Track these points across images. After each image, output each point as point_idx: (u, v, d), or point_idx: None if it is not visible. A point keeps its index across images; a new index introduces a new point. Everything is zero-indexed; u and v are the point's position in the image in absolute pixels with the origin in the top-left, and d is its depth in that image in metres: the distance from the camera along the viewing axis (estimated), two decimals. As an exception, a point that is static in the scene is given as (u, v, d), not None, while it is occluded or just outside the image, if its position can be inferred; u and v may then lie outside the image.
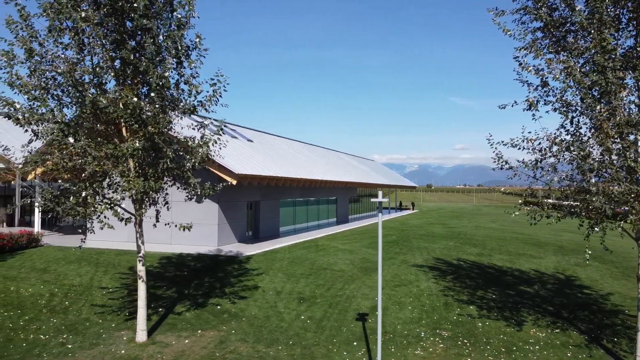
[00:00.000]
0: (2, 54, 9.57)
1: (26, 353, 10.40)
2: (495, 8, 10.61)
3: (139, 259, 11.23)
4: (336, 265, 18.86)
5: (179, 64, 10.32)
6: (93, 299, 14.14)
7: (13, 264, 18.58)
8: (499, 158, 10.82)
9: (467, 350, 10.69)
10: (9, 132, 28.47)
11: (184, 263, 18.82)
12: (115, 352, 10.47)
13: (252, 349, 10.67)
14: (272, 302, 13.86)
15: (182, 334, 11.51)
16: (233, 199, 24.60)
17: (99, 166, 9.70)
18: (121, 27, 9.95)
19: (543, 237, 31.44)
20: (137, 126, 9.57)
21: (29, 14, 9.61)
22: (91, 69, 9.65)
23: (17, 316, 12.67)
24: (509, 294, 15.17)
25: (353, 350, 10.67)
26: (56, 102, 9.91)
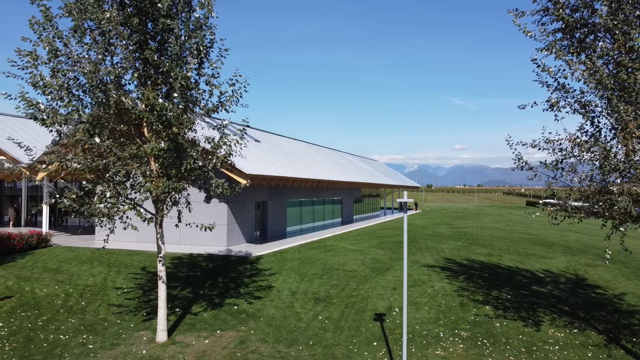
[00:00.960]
0: (26, 54, 9.59)
1: (48, 353, 10.41)
2: (515, 9, 10.63)
3: (159, 259, 11.24)
4: (347, 266, 18.88)
5: (201, 64, 10.33)
6: (109, 299, 14.15)
7: (25, 264, 18.60)
8: (519, 159, 10.84)
9: (487, 350, 10.71)
10: (17, 132, 28.50)
11: (196, 263, 18.84)
12: (136, 352, 10.48)
13: (273, 349, 10.69)
14: (288, 302, 13.88)
15: (201, 334, 11.52)
16: (241, 199, 24.63)
17: (123, 166, 9.70)
18: (144, 28, 9.96)
19: (550, 237, 31.47)
20: (161, 127, 9.58)
21: (51, 14, 9.61)
22: (114, 69, 9.66)
23: (34, 316, 12.68)
24: (523, 294, 15.19)
25: (373, 350, 10.69)
26: (78, 102, 9.91)
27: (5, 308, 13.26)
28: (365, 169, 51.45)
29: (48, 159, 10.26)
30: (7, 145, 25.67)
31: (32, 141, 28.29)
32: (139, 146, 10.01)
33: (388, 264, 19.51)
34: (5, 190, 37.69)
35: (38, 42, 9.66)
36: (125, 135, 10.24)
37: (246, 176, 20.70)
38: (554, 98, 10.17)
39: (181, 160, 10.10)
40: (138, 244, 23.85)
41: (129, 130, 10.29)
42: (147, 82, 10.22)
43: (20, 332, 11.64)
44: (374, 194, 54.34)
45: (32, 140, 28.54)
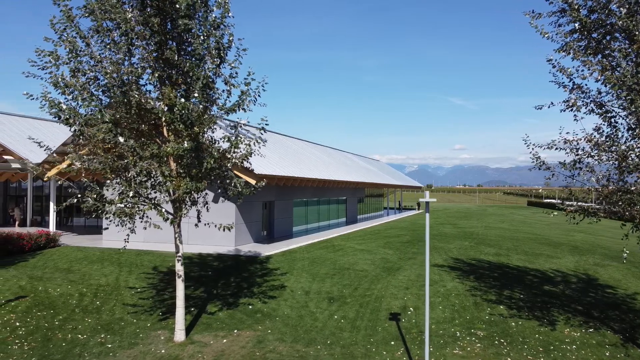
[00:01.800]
0: (48, 54, 9.61)
1: (67, 353, 10.44)
2: (532, 11, 10.67)
3: (177, 258, 11.27)
4: (358, 266, 18.91)
5: (219, 64, 10.35)
6: (123, 298, 14.18)
7: (36, 263, 18.62)
8: (537, 159, 10.88)
9: (505, 350, 10.74)
10: (24, 133, 28.54)
11: (207, 263, 18.86)
12: (155, 351, 10.51)
13: (291, 348, 10.72)
14: (302, 302, 13.91)
15: (218, 334, 11.55)
16: (249, 199, 24.64)
17: (145, 166, 9.72)
18: (164, 28, 9.99)
19: (555, 237, 31.52)
20: (183, 127, 9.61)
21: (72, 14, 9.64)
22: (135, 69, 9.68)
23: (50, 316, 12.71)
24: (535, 293, 15.23)
25: (392, 349, 10.72)
26: (98, 102, 9.94)
27: (21, 307, 13.29)
28: (369, 169, 51.49)
29: (69, 158, 10.24)
30: (15, 145, 25.70)
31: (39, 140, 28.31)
32: (159, 146, 10.04)
33: (398, 263, 19.54)
34: (10, 190, 37.70)
35: (59, 42, 9.68)
36: (146, 135, 10.26)
37: (255, 176, 20.72)
38: (573, 98, 10.20)
39: (201, 159, 10.13)
40: (146, 243, 23.87)
41: (149, 130, 10.31)
42: (166, 82, 10.25)
43: (38, 331, 11.67)
44: (377, 194, 54.38)
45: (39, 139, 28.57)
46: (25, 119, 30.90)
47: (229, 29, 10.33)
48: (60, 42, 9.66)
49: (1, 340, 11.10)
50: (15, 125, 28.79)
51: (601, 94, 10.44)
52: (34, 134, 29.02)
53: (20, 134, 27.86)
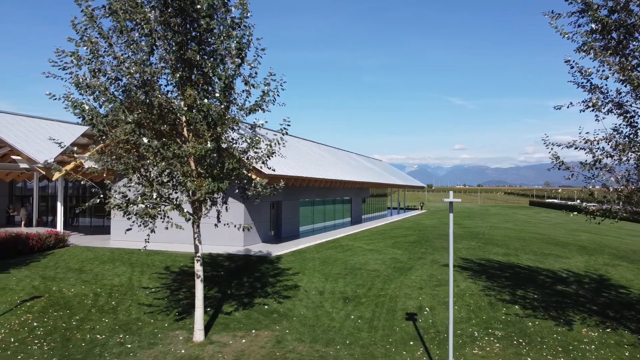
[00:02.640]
0: (70, 54, 9.61)
1: (87, 353, 10.44)
2: (551, 11, 10.69)
3: (196, 258, 11.27)
4: (369, 265, 18.92)
5: (239, 64, 10.34)
6: (138, 298, 14.18)
7: (47, 264, 18.62)
8: (557, 158, 10.89)
9: (524, 350, 10.75)
10: (31, 132, 28.55)
11: (218, 263, 18.86)
12: (175, 351, 10.52)
13: (311, 348, 10.72)
14: (317, 302, 13.92)
15: (237, 334, 11.56)
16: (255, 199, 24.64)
17: (167, 167, 9.72)
18: (185, 28, 9.99)
19: (562, 237, 31.53)
20: (205, 127, 9.62)
21: (95, 15, 9.65)
22: (159, 69, 9.68)
23: (67, 316, 12.71)
24: (548, 293, 15.23)
25: (411, 349, 10.73)
26: (120, 103, 9.93)
27: (37, 308, 13.29)
28: (373, 169, 51.50)
29: (90, 158, 10.24)
30: (23, 145, 25.69)
31: (46, 140, 28.31)
32: (179, 146, 10.03)
33: (408, 263, 19.54)
34: (15, 190, 37.70)
35: (80, 42, 9.68)
36: (166, 136, 10.26)
37: (266, 175, 20.73)
38: (593, 99, 10.21)
39: (222, 160, 10.13)
40: (155, 244, 23.75)
41: (170, 131, 10.31)
42: (186, 83, 10.24)
43: (56, 331, 11.67)
44: (380, 194, 54.38)
45: (46, 140, 28.55)
46: (32, 119, 30.89)
47: (249, 29, 10.33)
48: (82, 42, 9.65)
49: (20, 341, 11.10)
50: (22, 125, 28.79)
51: (620, 94, 10.46)
52: (41, 134, 29.02)
53: (27, 134, 27.86)
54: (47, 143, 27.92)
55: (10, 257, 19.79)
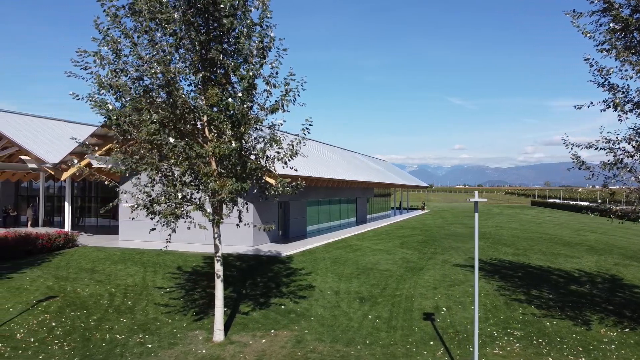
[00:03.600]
0: (93, 54, 9.60)
1: (108, 353, 10.44)
2: (572, 10, 10.69)
3: (216, 259, 11.26)
4: (380, 265, 18.91)
5: (261, 64, 10.32)
6: (154, 298, 14.17)
7: (59, 264, 18.61)
8: (577, 158, 10.89)
9: (545, 349, 10.74)
10: (39, 132, 28.53)
11: (229, 263, 18.85)
12: (196, 351, 10.51)
13: (332, 348, 10.72)
14: (334, 302, 13.91)
15: (256, 334, 11.55)
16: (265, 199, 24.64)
17: (190, 167, 9.71)
18: (208, 28, 9.98)
19: (568, 237, 31.54)
20: (230, 126, 9.60)
21: (118, 14, 9.64)
22: (184, 69, 9.67)
23: (84, 316, 12.70)
24: (563, 293, 15.23)
25: (431, 349, 10.72)
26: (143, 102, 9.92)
27: (53, 308, 13.28)
28: (378, 169, 51.50)
29: (113, 158, 10.20)
30: (31, 145, 25.67)
31: (54, 141, 28.31)
32: (201, 146, 10.02)
33: (419, 263, 19.54)
34: (21, 190, 37.69)
35: (103, 42, 9.67)
36: (188, 135, 10.24)
37: (275, 176, 20.70)
38: (617, 98, 10.21)
39: (244, 159, 10.12)
40: (164, 244, 23.83)
41: (192, 131, 10.30)
42: (208, 82, 10.23)
43: (75, 331, 11.66)
44: (384, 194, 54.39)
45: (54, 140, 28.55)
46: (39, 119, 30.88)
47: (271, 29, 10.31)
48: (104, 42, 9.64)
49: (40, 341, 11.10)
50: (30, 125, 28.78)
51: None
52: (49, 135, 29.01)
53: (35, 134, 27.85)
54: (54, 143, 27.91)
55: (21, 257, 19.78)
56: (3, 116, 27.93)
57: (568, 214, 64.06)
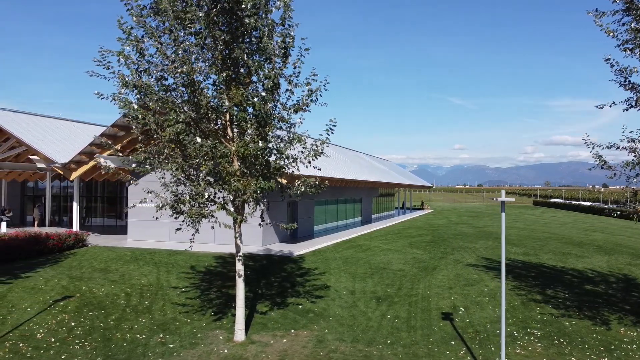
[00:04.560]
0: (117, 54, 9.59)
1: (130, 352, 10.43)
2: (595, 10, 10.68)
3: (238, 258, 11.26)
4: (392, 265, 18.90)
5: (284, 64, 10.30)
6: (170, 298, 14.16)
7: (71, 263, 18.59)
8: (599, 157, 10.88)
9: (566, 349, 10.74)
10: (47, 132, 28.51)
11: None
12: (218, 351, 10.50)
13: (353, 347, 10.71)
14: (351, 302, 13.90)
15: (276, 334, 11.54)
16: (275, 198, 24.62)
17: (215, 166, 9.69)
18: (232, 27, 9.97)
19: (575, 236, 31.52)
20: (255, 125, 9.59)
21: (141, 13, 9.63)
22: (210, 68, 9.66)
23: (103, 316, 12.69)
24: (578, 293, 15.22)
25: (453, 349, 10.71)
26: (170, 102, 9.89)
27: (70, 307, 13.27)
28: (382, 169, 51.50)
29: (136, 158, 10.18)
30: (40, 145, 25.65)
31: (62, 140, 28.30)
32: (224, 146, 10.01)
33: (431, 263, 19.53)
34: (27, 190, 37.67)
35: (126, 41, 9.66)
36: (212, 135, 10.23)
37: (288, 176, 20.69)
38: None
39: (268, 158, 10.11)
40: (172, 243, 23.84)
41: (216, 130, 10.28)
42: (230, 82, 10.21)
43: (95, 331, 11.65)
44: (388, 194, 54.38)
45: (63, 140, 28.54)
46: (47, 119, 30.86)
47: (293, 29, 10.29)
48: (128, 41, 9.63)
49: (61, 340, 11.09)
50: (39, 125, 28.76)
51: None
52: (57, 134, 29.00)
53: (44, 133, 27.82)
54: (63, 143, 27.90)
55: (33, 257, 19.77)
56: (11, 116, 27.93)
57: (571, 214, 64.06)
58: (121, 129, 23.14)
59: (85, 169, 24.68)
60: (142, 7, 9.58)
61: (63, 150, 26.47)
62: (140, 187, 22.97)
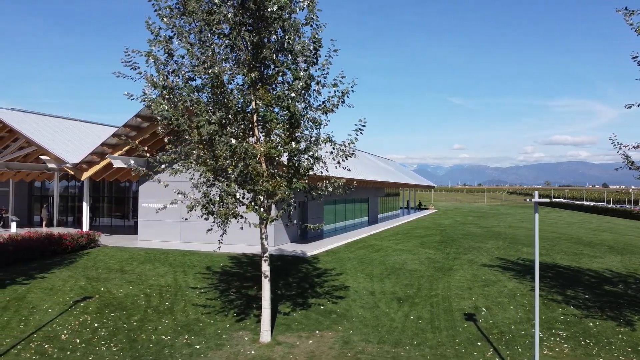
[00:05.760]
0: (146, 54, 9.55)
1: (157, 354, 10.39)
2: (625, 8, 10.64)
3: (264, 259, 11.22)
4: (408, 266, 18.87)
5: (314, 64, 10.25)
6: (190, 299, 14.12)
7: (86, 264, 18.55)
8: (627, 158, 10.85)
9: (593, 350, 10.70)
10: (57, 133, 28.47)
11: (257, 263, 18.79)
12: (245, 352, 10.46)
13: (380, 349, 10.67)
14: (372, 303, 13.86)
15: (301, 334, 11.50)
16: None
17: (245, 167, 9.65)
18: (258, 28, 9.93)
19: (584, 236, 31.51)
20: (287, 126, 9.55)
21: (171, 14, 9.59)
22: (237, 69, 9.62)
23: (125, 317, 12.65)
24: (598, 293, 15.19)
25: (480, 350, 10.67)
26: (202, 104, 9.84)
27: (91, 308, 13.23)
28: (388, 169, 51.48)
29: (163, 158, 10.13)
30: (51, 145, 25.61)
31: (72, 140, 28.25)
32: (252, 147, 9.96)
33: (446, 263, 19.50)
34: (34, 190, 37.63)
35: (155, 42, 9.62)
36: (240, 136, 10.18)
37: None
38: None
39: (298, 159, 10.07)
40: (183, 243, 23.83)
41: (244, 131, 10.24)
42: (257, 82, 10.17)
43: (120, 332, 11.61)
44: (394, 193, 54.38)
45: (72, 140, 28.50)
46: (56, 119, 30.81)
47: (322, 29, 10.24)
48: (157, 42, 9.59)
49: (86, 342, 11.05)
50: (48, 125, 28.72)
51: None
52: (66, 134, 28.95)
53: (53, 133, 27.78)
54: (73, 143, 27.86)
55: (47, 257, 19.74)
56: (21, 116, 27.88)
57: (575, 214, 64.08)
58: (132, 129, 23.08)
59: (97, 169, 24.64)
60: (171, 8, 9.52)
61: (73, 151, 26.43)
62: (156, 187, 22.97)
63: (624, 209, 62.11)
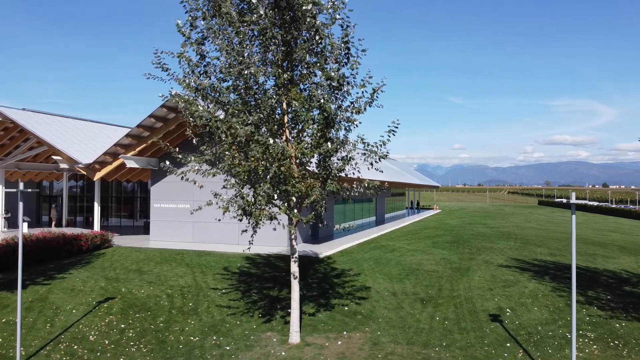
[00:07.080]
0: (178, 56, 9.53)
1: (188, 355, 10.38)
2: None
3: (293, 260, 11.22)
4: (424, 266, 18.86)
5: (345, 64, 10.24)
6: (213, 300, 14.11)
7: (102, 264, 18.53)
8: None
9: (623, 352, 10.69)
10: (68, 133, 28.44)
11: (273, 264, 18.80)
12: (275, 353, 10.45)
13: (410, 350, 10.66)
14: (395, 303, 13.86)
15: (329, 335, 11.50)
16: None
17: (279, 167, 9.63)
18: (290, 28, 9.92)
19: (594, 237, 31.51)
20: (322, 126, 9.54)
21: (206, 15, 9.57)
22: (276, 69, 9.61)
23: (150, 318, 12.64)
24: (619, 294, 15.19)
25: (510, 351, 10.66)
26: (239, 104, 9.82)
27: (115, 309, 13.22)
28: (394, 169, 51.47)
29: (195, 159, 10.09)
30: (63, 145, 25.58)
31: (83, 141, 28.23)
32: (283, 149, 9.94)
33: (463, 264, 19.49)
34: (42, 190, 37.59)
35: (187, 43, 9.61)
36: (273, 136, 10.17)
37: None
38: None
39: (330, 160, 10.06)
40: (195, 244, 23.81)
41: (277, 131, 10.23)
42: (289, 83, 10.15)
43: (147, 333, 11.60)
44: (399, 193, 54.37)
45: (84, 140, 28.48)
46: (66, 119, 30.78)
47: (353, 29, 10.22)
48: (190, 43, 9.58)
49: (115, 343, 11.03)
50: (59, 126, 28.69)
51: None
52: (77, 135, 28.93)
53: (64, 134, 27.75)
54: (84, 143, 27.84)
55: (62, 257, 19.72)
56: (32, 116, 27.85)
57: (579, 214, 64.07)
58: (146, 129, 23.06)
59: (109, 169, 24.63)
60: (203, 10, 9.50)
61: (85, 151, 26.42)
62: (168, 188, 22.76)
63: (628, 209, 62.15)
